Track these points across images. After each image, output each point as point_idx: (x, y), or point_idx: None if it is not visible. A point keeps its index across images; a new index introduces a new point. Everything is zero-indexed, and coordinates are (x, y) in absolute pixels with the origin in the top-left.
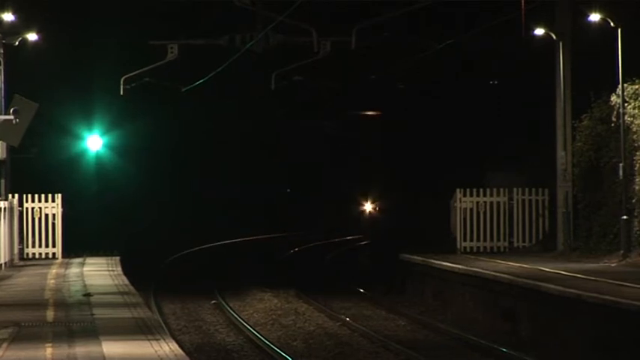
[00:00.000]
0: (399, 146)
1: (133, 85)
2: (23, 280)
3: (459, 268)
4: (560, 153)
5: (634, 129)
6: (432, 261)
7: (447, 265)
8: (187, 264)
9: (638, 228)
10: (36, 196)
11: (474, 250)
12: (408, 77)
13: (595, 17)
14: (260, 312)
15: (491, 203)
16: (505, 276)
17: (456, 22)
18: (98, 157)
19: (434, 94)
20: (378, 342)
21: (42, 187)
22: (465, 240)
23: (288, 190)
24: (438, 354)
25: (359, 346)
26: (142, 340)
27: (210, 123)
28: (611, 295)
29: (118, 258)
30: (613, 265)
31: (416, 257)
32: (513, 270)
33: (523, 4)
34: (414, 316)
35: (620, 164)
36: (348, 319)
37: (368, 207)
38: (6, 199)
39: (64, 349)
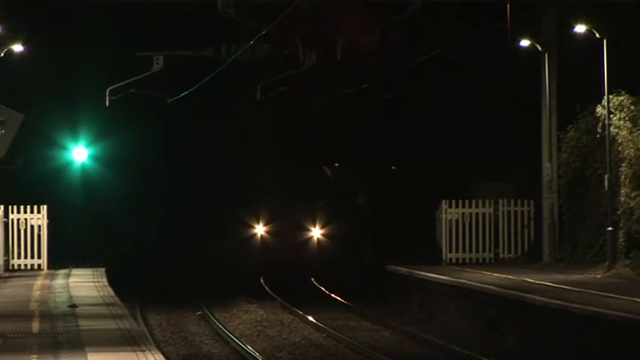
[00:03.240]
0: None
1: (118, 96)
2: (8, 292)
3: (444, 279)
4: (546, 164)
5: (619, 140)
6: (418, 272)
7: (432, 277)
8: (173, 275)
9: (623, 239)
10: (21, 207)
11: (460, 261)
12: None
13: (580, 28)
14: (246, 323)
15: (477, 214)
16: (491, 287)
17: (444, 32)
18: (84, 168)
19: (422, 103)
20: (363, 353)
21: (27, 198)
22: (450, 251)
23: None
24: None
25: (344, 357)
26: (128, 351)
27: (194, 134)
28: (596, 306)
29: (103, 269)
30: (598, 276)
31: (401, 268)
32: (499, 281)
33: (509, 14)
34: (399, 327)
35: (606, 175)
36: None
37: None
38: None
39: None
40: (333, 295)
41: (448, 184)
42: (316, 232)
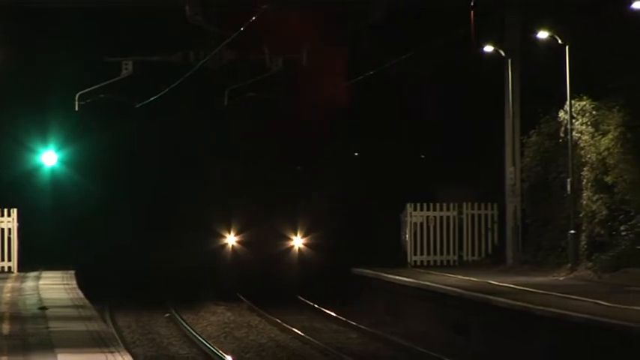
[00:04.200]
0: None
1: (88, 101)
2: None
3: (409, 282)
4: (509, 168)
5: (581, 145)
6: (383, 275)
7: (397, 279)
8: (142, 277)
9: (585, 242)
10: None
11: (425, 263)
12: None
13: (543, 35)
14: (213, 325)
15: (441, 217)
16: (455, 289)
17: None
18: (53, 172)
19: (387, 107)
20: (329, 354)
21: None
22: (415, 254)
23: None
24: None
25: (311, 358)
26: (97, 352)
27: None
28: (559, 308)
29: (73, 272)
30: (561, 278)
31: (367, 271)
32: (463, 283)
33: (473, 21)
34: (365, 329)
35: (568, 179)
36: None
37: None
38: None
39: None
40: (300, 298)
41: (414, 188)
42: (297, 242)
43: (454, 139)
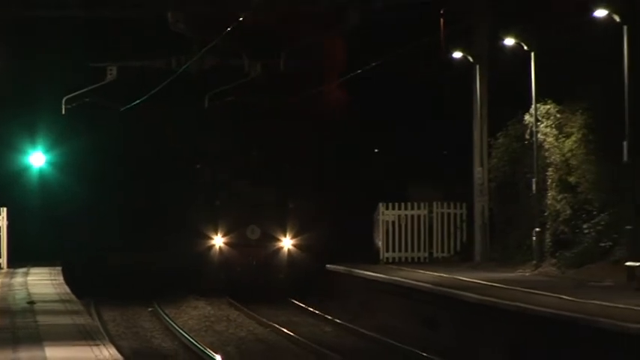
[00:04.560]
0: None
1: (74, 104)
2: None
3: (381, 278)
4: (477, 169)
5: (546, 146)
6: (356, 271)
7: (370, 275)
8: (126, 273)
9: (550, 240)
10: None
11: (396, 260)
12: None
13: (509, 42)
14: (194, 319)
15: (412, 216)
16: (425, 285)
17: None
18: (41, 172)
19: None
20: (305, 347)
21: None
22: (387, 251)
23: None
24: (362, 357)
25: (288, 350)
26: (83, 345)
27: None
28: (525, 302)
29: (60, 268)
30: (527, 274)
31: (341, 268)
32: (433, 279)
33: (442, 28)
34: (340, 323)
35: (534, 179)
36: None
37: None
38: None
39: (9, 355)
40: (280, 294)
41: (387, 187)
42: (287, 243)
43: (425, 140)
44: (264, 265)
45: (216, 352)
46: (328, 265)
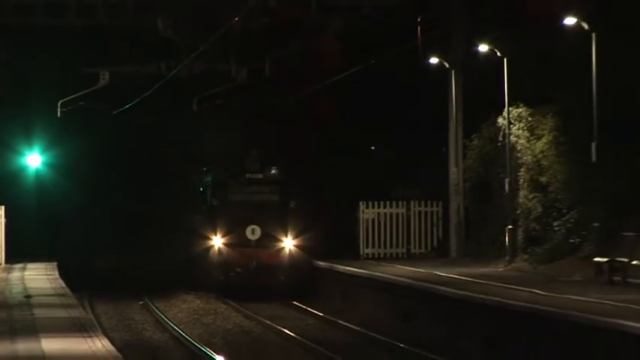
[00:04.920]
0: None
1: (69, 108)
2: None
3: (362, 273)
4: (453, 169)
5: (518, 148)
6: (338, 266)
7: (351, 270)
8: (118, 269)
9: (522, 236)
10: None
11: (376, 256)
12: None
13: (483, 48)
14: (184, 312)
15: (391, 214)
16: (404, 280)
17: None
18: (38, 173)
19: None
20: (289, 338)
21: None
22: (367, 247)
23: None
24: (343, 349)
25: (272, 341)
26: (78, 337)
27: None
28: (498, 296)
29: (55, 264)
30: (500, 269)
31: (322, 263)
32: (411, 274)
33: (420, 35)
34: (322, 316)
35: (506, 179)
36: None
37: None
38: None
39: (6, 346)
40: (266, 290)
41: (368, 187)
42: (288, 243)
43: (404, 142)
44: (264, 266)
45: (205, 345)
46: (312, 261)
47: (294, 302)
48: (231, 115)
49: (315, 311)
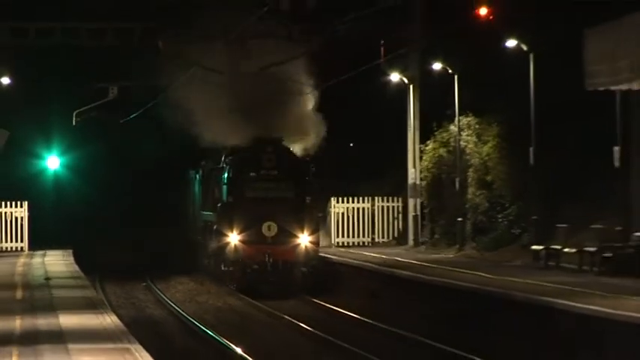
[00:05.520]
0: None
1: (83, 117)
2: None
3: (335, 259)
4: (411, 170)
5: (467, 151)
6: None
7: (323, 256)
8: (124, 256)
9: (470, 228)
10: (8, 202)
11: (345, 244)
12: None
13: (437, 66)
14: (181, 292)
15: (358, 208)
16: (369, 264)
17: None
18: (56, 173)
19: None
20: (271, 315)
21: (12, 196)
22: (337, 236)
23: None
24: (318, 323)
25: (257, 317)
26: (90, 313)
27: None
28: (450, 279)
29: (71, 251)
30: (451, 256)
31: None
32: (376, 260)
33: (383, 55)
34: (301, 297)
35: (457, 178)
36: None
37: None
38: None
39: (29, 321)
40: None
41: (340, 184)
42: (304, 240)
43: (369, 147)
44: (281, 263)
45: (198, 320)
46: None
47: (278, 285)
48: None
49: (295, 293)
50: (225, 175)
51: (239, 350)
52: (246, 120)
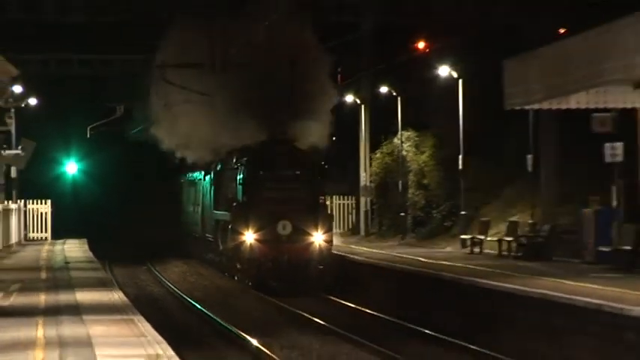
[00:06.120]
0: None
1: (95, 131)
2: (26, 253)
3: None
4: (362, 174)
5: (408, 159)
6: None
7: None
8: (129, 245)
9: (410, 221)
10: (35, 200)
11: None
12: None
13: (384, 89)
14: (175, 274)
15: None
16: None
17: None
18: (74, 177)
19: None
20: (245, 289)
21: (37, 195)
22: None
23: None
24: (292, 300)
25: (239, 293)
26: (101, 290)
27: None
28: (394, 262)
29: (85, 240)
30: (396, 244)
31: None
32: (335, 248)
33: (340, 80)
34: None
35: (400, 181)
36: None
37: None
38: (16, 202)
39: (52, 297)
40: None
41: None
42: (318, 238)
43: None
44: (295, 261)
45: (189, 296)
46: None
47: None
48: None
49: None
50: (240, 175)
51: (218, 319)
52: (257, 121)
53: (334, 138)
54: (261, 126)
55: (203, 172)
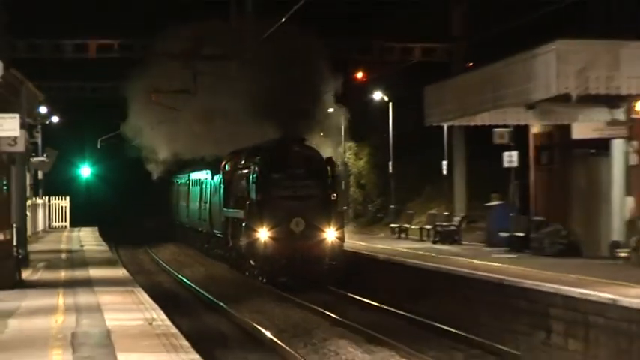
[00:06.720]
0: None
1: (105, 142)
2: (50, 238)
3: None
4: None
5: (349, 165)
6: None
7: None
8: (131, 234)
9: (352, 213)
10: (57, 197)
11: None
12: None
13: (331, 109)
14: (167, 255)
15: None
16: None
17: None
18: (87, 179)
19: None
20: (234, 274)
21: (59, 192)
22: None
23: None
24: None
25: (222, 274)
26: (109, 268)
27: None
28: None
29: (97, 228)
30: None
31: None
32: None
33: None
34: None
35: (343, 182)
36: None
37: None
38: (42, 198)
39: (70, 272)
40: None
41: None
42: (331, 235)
43: None
44: (309, 257)
45: (178, 271)
46: None
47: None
48: None
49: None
50: (253, 175)
51: (204, 292)
52: (267, 121)
53: None
54: (273, 126)
55: (210, 172)
